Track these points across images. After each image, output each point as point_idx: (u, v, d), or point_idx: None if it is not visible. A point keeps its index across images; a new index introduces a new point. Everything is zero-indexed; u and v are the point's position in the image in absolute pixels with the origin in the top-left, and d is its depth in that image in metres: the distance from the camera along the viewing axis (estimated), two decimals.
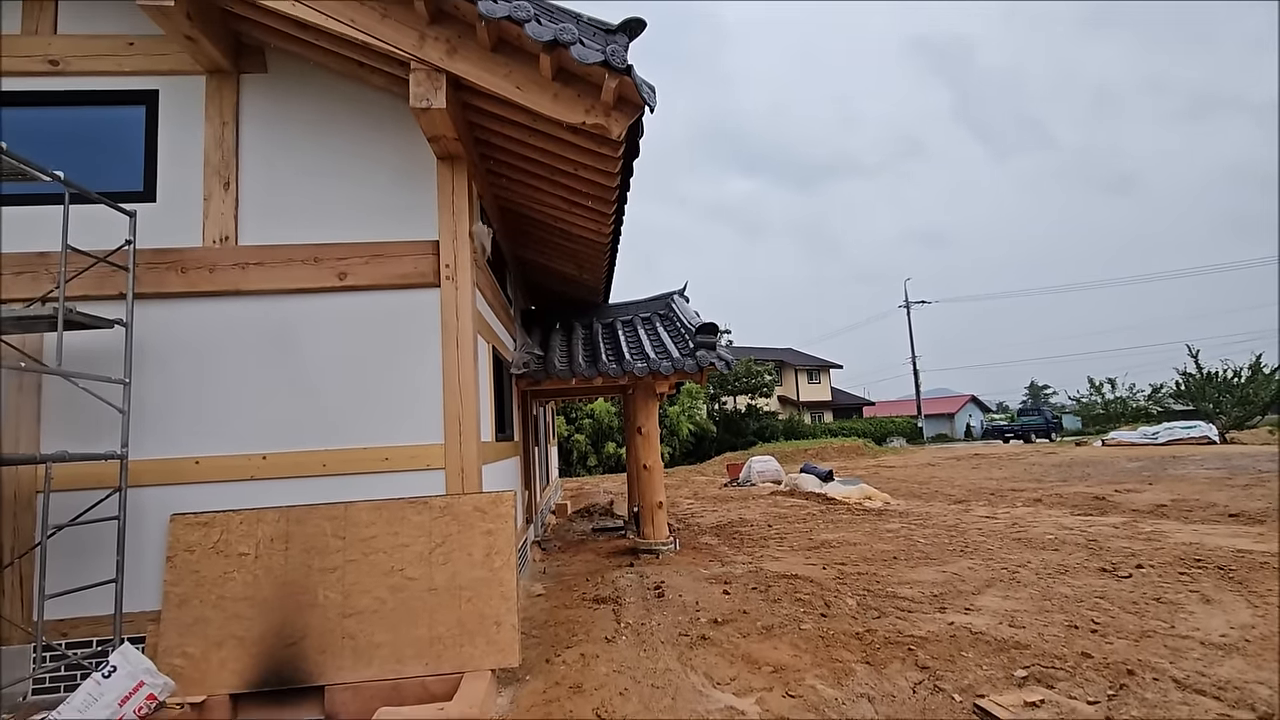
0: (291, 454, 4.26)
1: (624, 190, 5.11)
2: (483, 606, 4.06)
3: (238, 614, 3.96)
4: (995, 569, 6.36)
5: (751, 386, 35.14)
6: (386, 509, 4.18)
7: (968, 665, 4.05)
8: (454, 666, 3.94)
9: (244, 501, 4.15)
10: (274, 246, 4.39)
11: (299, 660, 3.91)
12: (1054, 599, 5.32)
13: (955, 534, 8.26)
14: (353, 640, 3.96)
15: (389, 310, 4.44)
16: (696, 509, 12.62)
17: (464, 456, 4.35)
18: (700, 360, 6.99)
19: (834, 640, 4.52)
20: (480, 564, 4.15)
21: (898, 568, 6.60)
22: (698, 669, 4.15)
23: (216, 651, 3.89)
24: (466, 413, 4.38)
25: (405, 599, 4.05)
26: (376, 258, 4.43)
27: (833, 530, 8.99)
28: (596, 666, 4.17)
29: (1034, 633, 4.54)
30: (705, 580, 6.31)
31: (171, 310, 4.30)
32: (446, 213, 4.52)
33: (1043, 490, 12.34)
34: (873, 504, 11.18)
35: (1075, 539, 7.53)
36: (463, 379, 4.39)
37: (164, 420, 4.21)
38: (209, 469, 4.20)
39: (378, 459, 4.31)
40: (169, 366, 4.26)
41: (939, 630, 4.63)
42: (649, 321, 8.67)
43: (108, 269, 4.07)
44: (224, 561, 4.04)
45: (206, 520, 4.09)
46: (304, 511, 4.14)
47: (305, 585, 4.03)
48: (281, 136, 4.56)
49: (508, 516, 4.26)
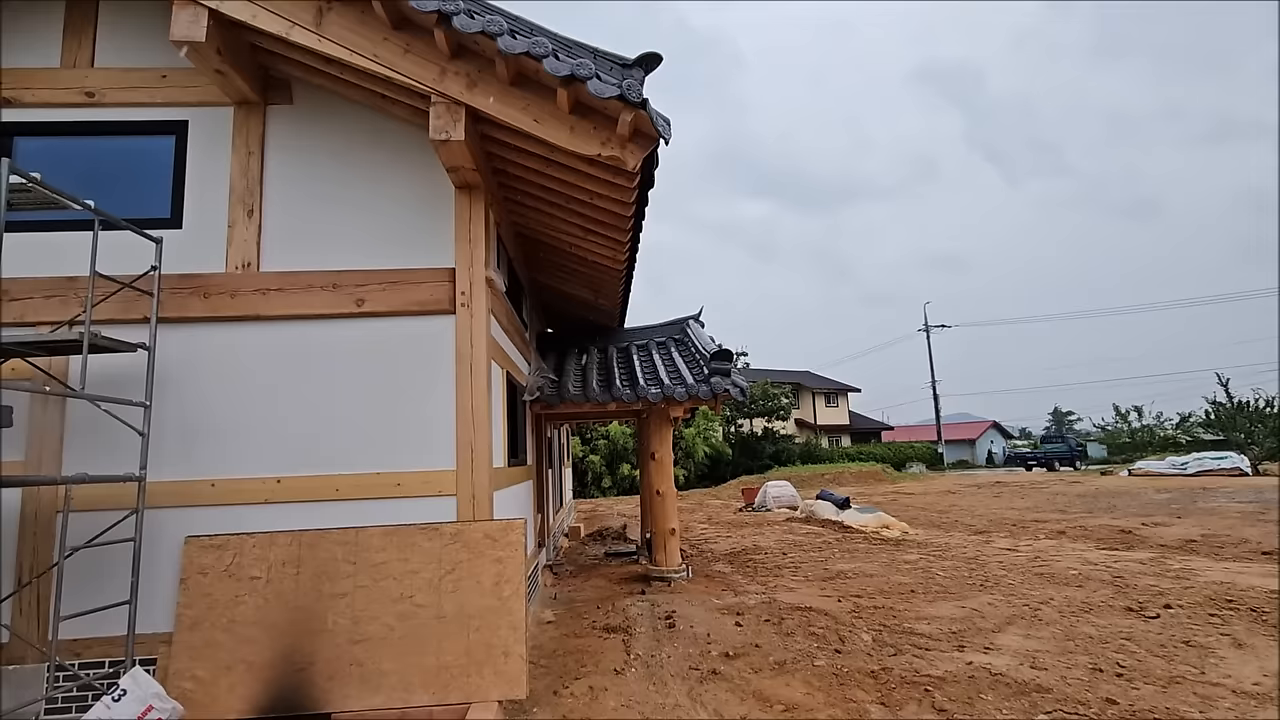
0: (306, 478, 4.29)
1: (639, 219, 5.15)
2: (491, 636, 4.03)
3: (248, 638, 3.97)
4: (1017, 605, 6.19)
5: (768, 409, 34.87)
6: (397, 535, 4.19)
7: (987, 708, 3.93)
8: (461, 697, 3.90)
9: (258, 525, 4.18)
10: (294, 273, 4.47)
11: (307, 686, 3.90)
12: (1078, 639, 5.15)
13: (975, 567, 8.07)
14: (360, 667, 3.94)
15: (405, 336, 4.49)
16: (710, 534, 12.48)
17: (475, 483, 4.35)
18: (715, 387, 6.97)
19: (848, 678, 4.41)
20: (489, 592, 4.12)
21: (915, 602, 6.45)
22: (707, 705, 4.06)
23: (226, 676, 3.89)
24: (479, 439, 4.39)
25: (414, 627, 4.03)
26: (394, 285, 4.50)
27: (849, 560, 8.83)
28: (605, 700, 4.11)
29: (1056, 675, 4.40)
30: (717, 610, 6.21)
31: (193, 334, 4.38)
32: (463, 241, 4.58)
33: (1067, 522, 12.04)
34: (890, 533, 10.98)
35: (1100, 575, 7.32)
36: (475, 405, 4.41)
37: (182, 442, 4.27)
38: (225, 492, 4.24)
39: (390, 484, 4.33)
40: (188, 389, 4.33)
41: (957, 670, 4.50)
42: (664, 346, 8.67)
43: (133, 293, 4.17)
44: (236, 585, 4.05)
45: (220, 543, 4.12)
46: (316, 536, 4.15)
47: (315, 610, 4.03)
48: (305, 165, 4.67)
49: (518, 544, 4.24)
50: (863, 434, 46.99)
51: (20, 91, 4.53)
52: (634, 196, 4.56)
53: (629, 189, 4.44)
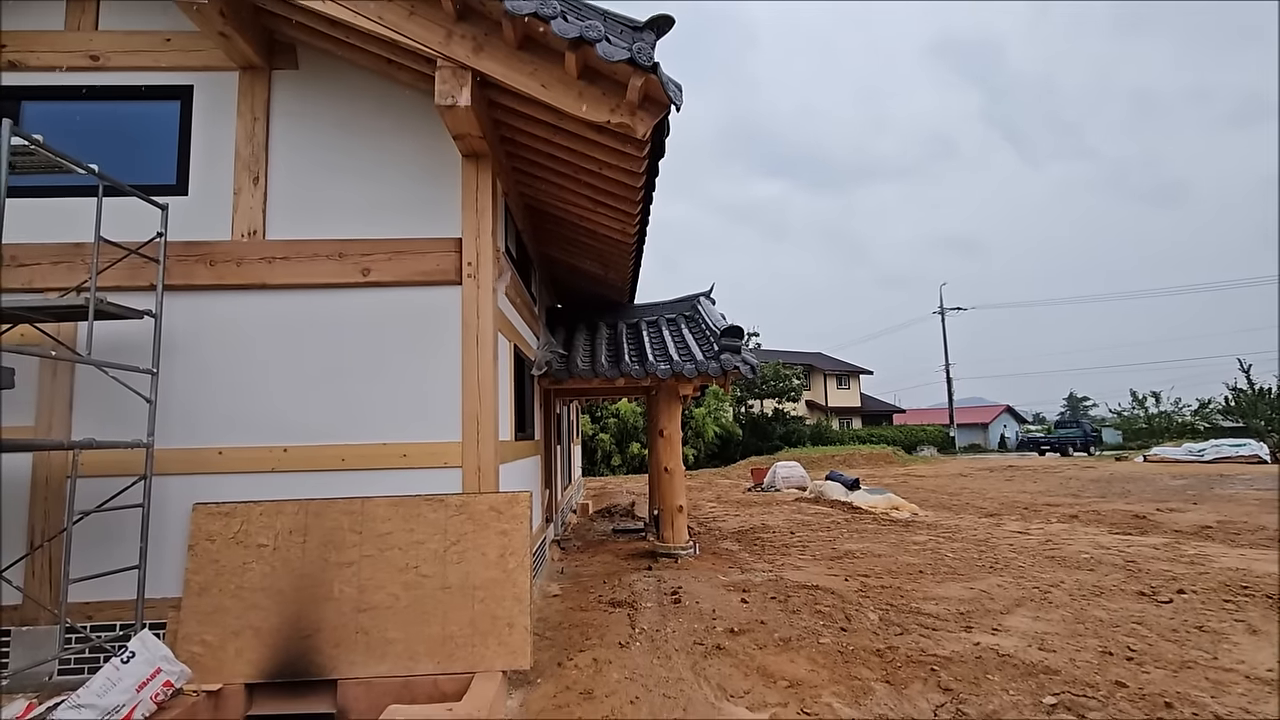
0: (312, 447, 4.29)
1: (649, 190, 5.04)
2: (495, 607, 4.04)
3: (255, 604, 4.00)
4: (1026, 588, 6.13)
5: (779, 390, 34.75)
6: (403, 505, 4.18)
7: (993, 689, 3.89)
8: (465, 666, 3.92)
9: (265, 493, 4.19)
10: (300, 241, 4.43)
11: (313, 653, 3.93)
12: (1088, 622, 5.10)
13: (985, 549, 8.01)
14: (366, 636, 3.96)
15: (411, 307, 4.44)
16: (719, 513, 12.50)
17: (481, 455, 4.33)
18: (725, 364, 6.89)
19: (853, 656, 4.39)
20: (494, 564, 4.12)
21: (923, 582, 6.41)
22: (711, 680, 4.06)
23: (234, 641, 3.93)
24: (485, 412, 4.36)
25: (419, 596, 4.04)
26: (399, 254, 4.44)
27: (857, 540, 8.79)
28: (609, 673, 4.12)
29: (1065, 657, 4.35)
30: (723, 587, 6.20)
31: (199, 302, 4.36)
32: (470, 211, 4.51)
33: (1079, 506, 11.92)
34: (900, 514, 10.93)
35: (1112, 559, 7.24)
36: (482, 378, 4.37)
37: (189, 410, 4.28)
38: (232, 460, 4.25)
39: (396, 455, 4.32)
40: (195, 358, 4.32)
41: (964, 650, 4.47)
42: (674, 323, 8.59)
43: (139, 260, 4.15)
44: (243, 552, 4.08)
45: (228, 510, 4.14)
46: (322, 505, 4.16)
47: (321, 578, 4.06)
48: (310, 133, 4.60)
49: (523, 517, 4.23)
50: (874, 416, 46.78)
51: (25, 55, 4.48)
52: (644, 166, 4.46)
53: (639, 158, 4.33)
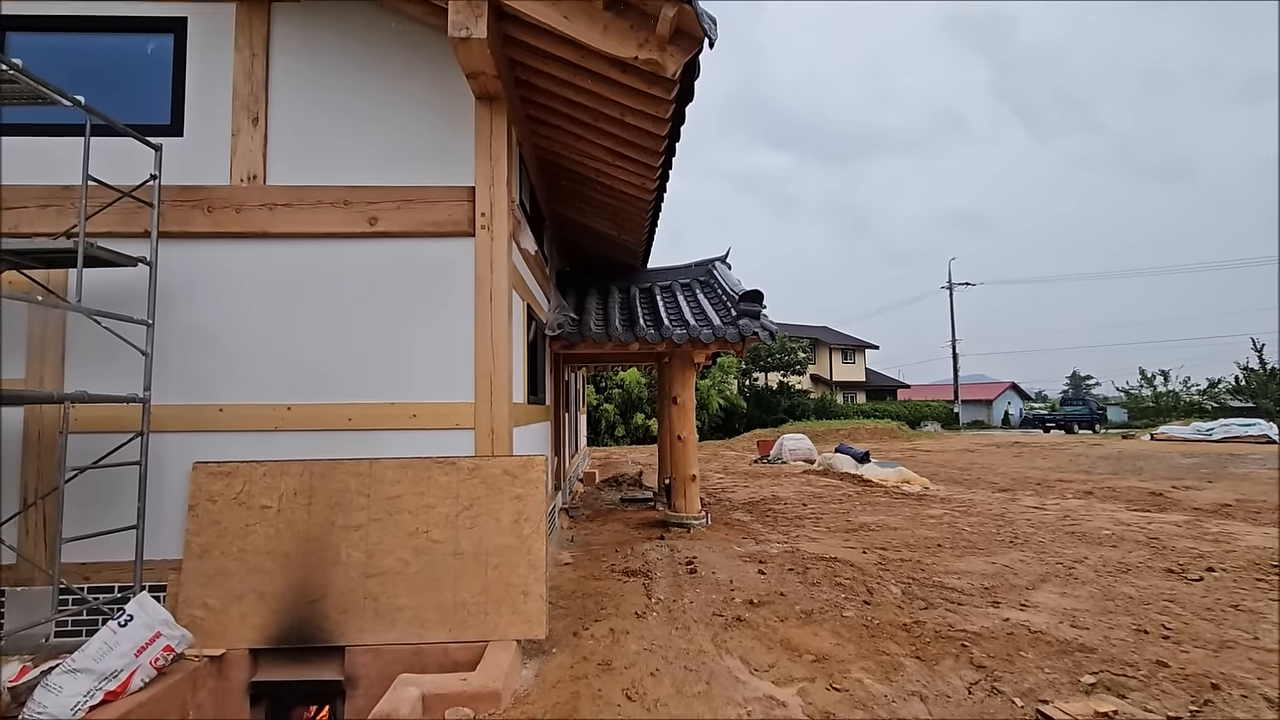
0: (317, 406, 4.08)
1: (673, 141, 4.74)
2: (509, 574, 3.87)
3: (259, 568, 3.83)
4: (1049, 563, 5.97)
5: (785, 363, 34.51)
6: (413, 468, 3.99)
7: (1027, 667, 3.73)
8: (478, 635, 3.77)
9: (267, 453, 4.00)
10: (303, 188, 4.16)
11: (320, 619, 3.78)
12: (1117, 599, 4.93)
13: (1003, 524, 7.84)
14: (375, 601, 3.81)
15: (420, 259, 4.19)
16: (727, 484, 12.37)
17: (494, 417, 4.12)
18: (743, 329, 6.64)
19: (879, 630, 4.23)
20: (508, 530, 3.94)
21: (943, 556, 6.25)
22: (733, 652, 3.90)
23: (237, 605, 3.77)
24: (499, 371, 4.14)
25: (429, 562, 3.87)
26: (408, 203, 4.17)
27: (871, 513, 8.64)
28: (626, 643, 3.96)
29: (1099, 635, 4.19)
30: (739, 558, 6.05)
31: (197, 251, 4.11)
32: (484, 158, 4.22)
33: (1093, 482, 11.76)
34: (911, 488, 10.78)
35: (1135, 536, 7.07)
36: (495, 335, 4.14)
37: (188, 365, 4.06)
38: (233, 417, 4.05)
39: (405, 415, 4.11)
40: (193, 309, 4.09)
41: (994, 626, 4.30)
42: (688, 288, 8.32)
43: (132, 206, 3.90)
44: (246, 513, 3.90)
45: (229, 470, 3.95)
46: (328, 466, 3.97)
47: (328, 542, 3.88)
48: (312, 71, 4.30)
49: (538, 482, 4.04)
50: (879, 391, 46.60)
51: None
52: (670, 111, 4.16)
53: (665, 102, 4.03)
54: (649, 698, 3.29)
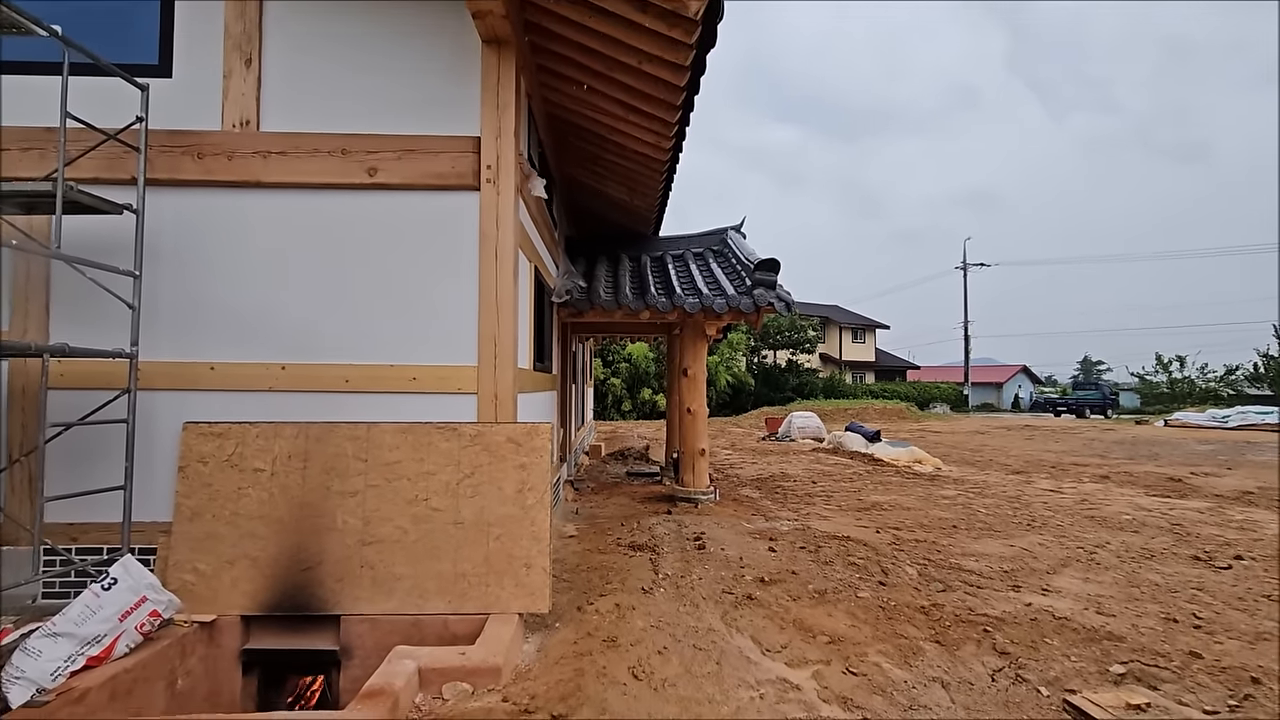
0: (312, 366, 3.89)
1: (691, 93, 4.45)
2: (512, 546, 3.71)
3: (252, 532, 3.68)
4: (1070, 547, 5.77)
5: (794, 341, 34.20)
6: (412, 433, 3.81)
7: (1053, 654, 3.55)
8: (479, 607, 3.62)
9: (261, 414, 3.83)
10: (298, 134, 3.92)
11: (314, 586, 3.64)
12: (1143, 586, 4.73)
13: (1019, 506, 7.64)
14: (372, 570, 3.65)
15: (423, 213, 3.96)
16: (735, 460, 12.21)
17: (499, 382, 3.92)
18: (758, 299, 6.39)
19: (896, 612, 4.06)
20: (511, 500, 3.77)
21: (959, 538, 6.06)
22: (744, 631, 3.74)
23: (229, 570, 3.63)
24: (503, 334, 3.93)
25: (429, 531, 3.71)
26: (410, 153, 3.93)
27: (883, 493, 8.45)
28: (632, 620, 3.80)
29: (1126, 623, 4.00)
30: (749, 535, 5.89)
31: (187, 200, 3.90)
32: (490, 107, 3.96)
33: (1109, 468, 11.52)
34: (923, 468, 10.58)
35: (1157, 521, 6.85)
36: (501, 296, 3.92)
37: (178, 320, 3.87)
38: (225, 376, 3.87)
39: (404, 378, 3.91)
40: (184, 262, 3.89)
41: (1016, 611, 4.12)
42: (701, 257, 8.05)
43: (118, 150, 3.68)
44: (239, 476, 3.74)
45: (221, 431, 3.78)
46: (324, 429, 3.79)
47: (323, 508, 3.72)
48: (309, 10, 4.02)
49: (543, 450, 3.85)
50: (888, 372, 46.25)
51: None
52: (690, 59, 3.87)
53: (686, 47, 3.75)
54: (656, 677, 3.13)
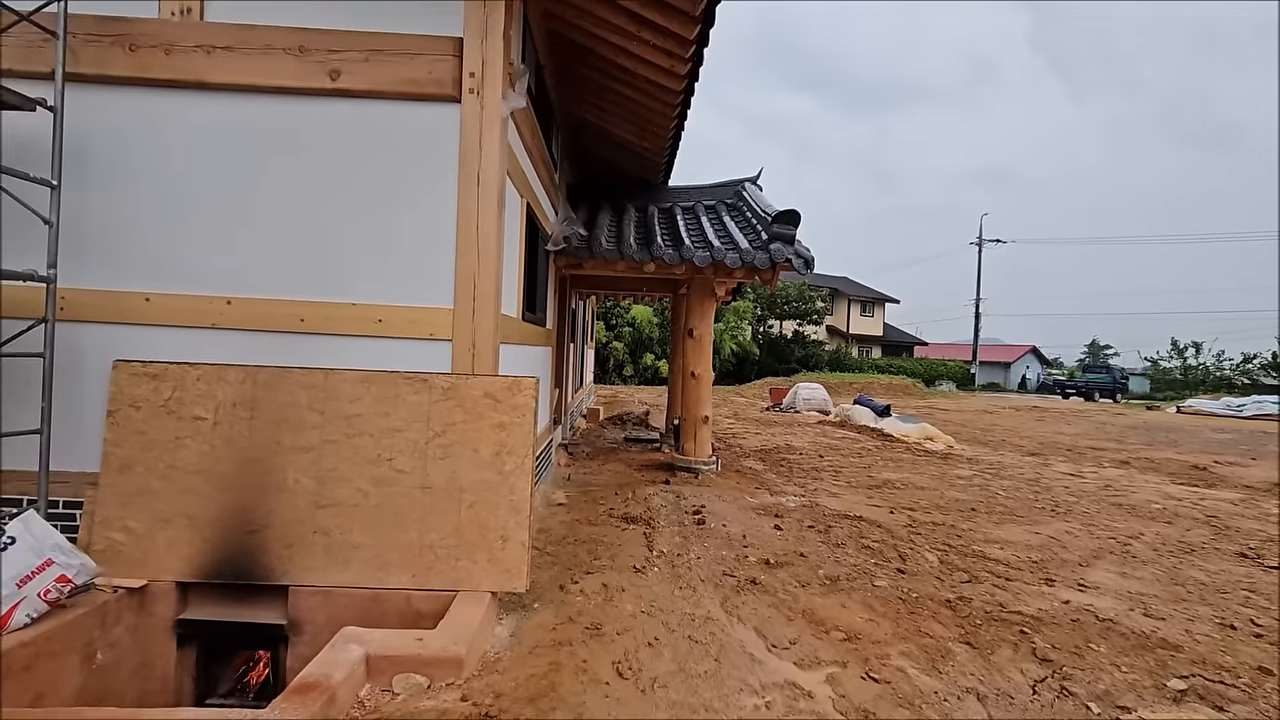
0: (262, 301, 3.38)
1: (712, 4, 3.83)
2: (487, 516, 3.23)
3: (191, 489, 3.21)
4: (1100, 537, 5.32)
5: (801, 312, 33.52)
6: (376, 383, 3.30)
7: (1101, 663, 3.10)
8: (446, 583, 3.17)
9: (203, 354, 3.32)
10: (249, 27, 3.32)
11: (260, 553, 3.18)
12: (1187, 585, 4.28)
13: (1039, 490, 7.18)
14: (326, 537, 3.19)
15: (394, 126, 3.39)
16: (738, 430, 11.76)
17: (478, 328, 3.41)
18: (774, 255, 5.81)
19: (919, 606, 3.61)
20: (488, 464, 3.28)
21: (979, 522, 5.61)
22: (747, 622, 3.29)
23: (163, 530, 3.17)
24: (485, 273, 3.40)
25: (393, 495, 3.24)
26: (379, 54, 3.34)
27: (894, 470, 7.99)
28: (621, 603, 3.36)
29: (1178, 628, 3.54)
30: (752, 511, 5.43)
31: (119, 101, 3.33)
32: (476, 1, 3.35)
33: (1127, 453, 11.04)
34: (935, 446, 10.12)
35: (1189, 512, 6.39)
36: (483, 228, 3.37)
37: (110, 244, 3.35)
38: (162, 310, 3.35)
39: (368, 320, 3.40)
40: (116, 175, 3.34)
41: (1053, 610, 3.67)
42: (713, 210, 7.44)
43: (36, 38, 3.12)
44: (176, 424, 3.25)
45: (157, 372, 3.28)
46: (275, 375, 3.29)
47: (272, 464, 3.24)
48: None
49: (526, 409, 3.35)
50: (894, 347, 45.59)
51: None
52: None
53: None
54: (645, 675, 2.69)
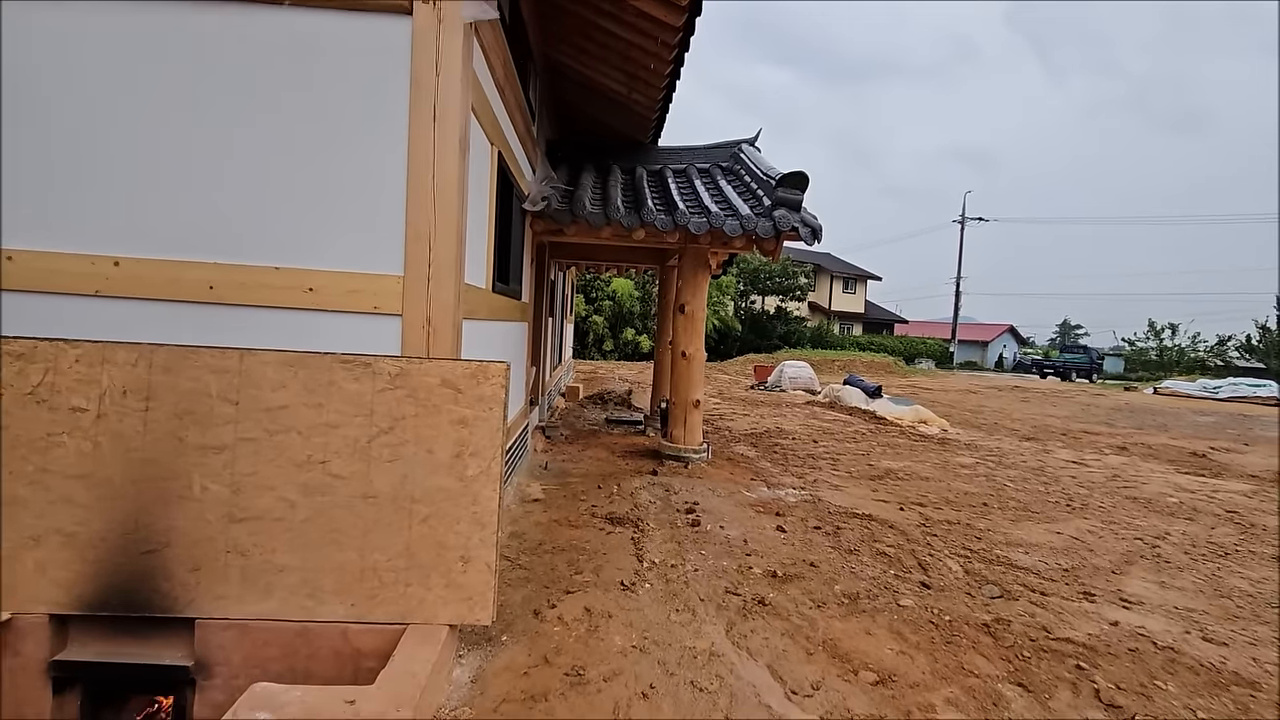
0: (160, 263, 2.68)
1: None
2: (445, 531, 2.63)
3: (68, 498, 2.55)
4: (1125, 537, 4.90)
5: (784, 288, 33.05)
6: (306, 367, 2.64)
7: (1174, 708, 2.62)
8: (394, 614, 2.57)
9: (84, 329, 2.64)
10: None
11: (159, 578, 2.55)
12: (1234, 597, 3.87)
13: (1047, 480, 6.77)
14: (243, 558, 2.56)
15: (329, 45, 2.68)
16: (724, 410, 11.24)
17: (434, 300, 2.76)
18: (780, 222, 5.19)
19: (955, 632, 3.10)
20: (446, 468, 2.67)
21: (995, 519, 5.15)
22: (759, 657, 2.75)
23: (31, 550, 2.51)
24: (444, 232, 2.74)
25: (327, 506, 2.61)
26: None
27: (894, 458, 7.53)
28: (608, 634, 2.80)
29: (1244, 656, 3.10)
30: (751, 508, 4.90)
31: None
32: None
33: (1121, 436, 10.77)
34: (930, 429, 9.71)
35: (1208, 507, 6.02)
36: (440, 176, 2.70)
37: None
38: (28, 271, 2.65)
39: (297, 288, 2.73)
40: None
41: (1104, 634, 3.19)
42: (708, 174, 6.77)
43: None
44: (49, 417, 2.57)
45: (22, 351, 2.58)
46: (176, 355, 2.61)
47: (174, 468, 2.59)
48: None
49: (494, 401, 2.73)
50: (875, 324, 45.50)
51: None
52: None
53: None
54: None
